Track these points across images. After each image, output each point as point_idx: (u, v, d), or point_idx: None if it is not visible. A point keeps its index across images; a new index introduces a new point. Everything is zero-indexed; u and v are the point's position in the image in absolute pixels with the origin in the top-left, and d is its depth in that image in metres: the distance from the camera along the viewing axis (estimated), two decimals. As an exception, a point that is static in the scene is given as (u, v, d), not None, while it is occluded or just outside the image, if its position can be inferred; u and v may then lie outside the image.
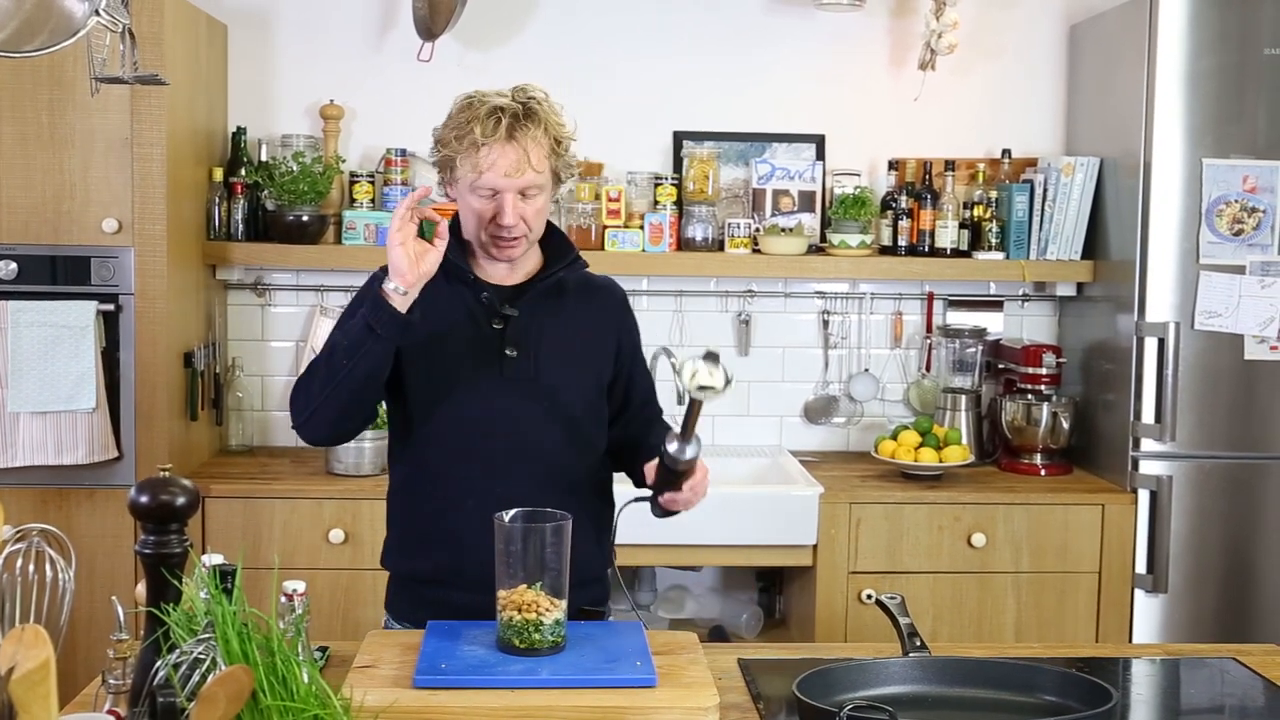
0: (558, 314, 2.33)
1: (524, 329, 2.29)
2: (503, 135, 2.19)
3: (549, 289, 2.33)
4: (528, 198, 2.24)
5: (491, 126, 2.19)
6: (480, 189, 2.23)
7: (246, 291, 4.03)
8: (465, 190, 2.27)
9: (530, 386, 2.27)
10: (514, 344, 2.28)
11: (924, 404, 4.11)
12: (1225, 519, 3.65)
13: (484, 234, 2.27)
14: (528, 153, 2.21)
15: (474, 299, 2.31)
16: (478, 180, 2.23)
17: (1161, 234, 3.61)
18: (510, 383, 2.26)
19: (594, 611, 2.33)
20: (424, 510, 2.32)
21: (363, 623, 3.41)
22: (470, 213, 2.28)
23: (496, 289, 2.32)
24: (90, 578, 3.31)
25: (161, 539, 1.68)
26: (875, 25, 4.10)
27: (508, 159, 2.20)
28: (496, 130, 2.19)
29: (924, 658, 2.05)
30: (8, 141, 3.37)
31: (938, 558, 3.60)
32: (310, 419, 2.26)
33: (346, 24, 4.03)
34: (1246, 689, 2.18)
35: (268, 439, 4.07)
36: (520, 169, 2.20)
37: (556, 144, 2.26)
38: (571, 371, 2.31)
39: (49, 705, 1.41)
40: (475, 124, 2.20)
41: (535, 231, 2.29)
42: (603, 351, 2.37)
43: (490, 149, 2.20)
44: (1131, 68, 3.65)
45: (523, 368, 2.28)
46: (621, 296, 2.46)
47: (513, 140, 2.20)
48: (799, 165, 4.05)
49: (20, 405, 3.34)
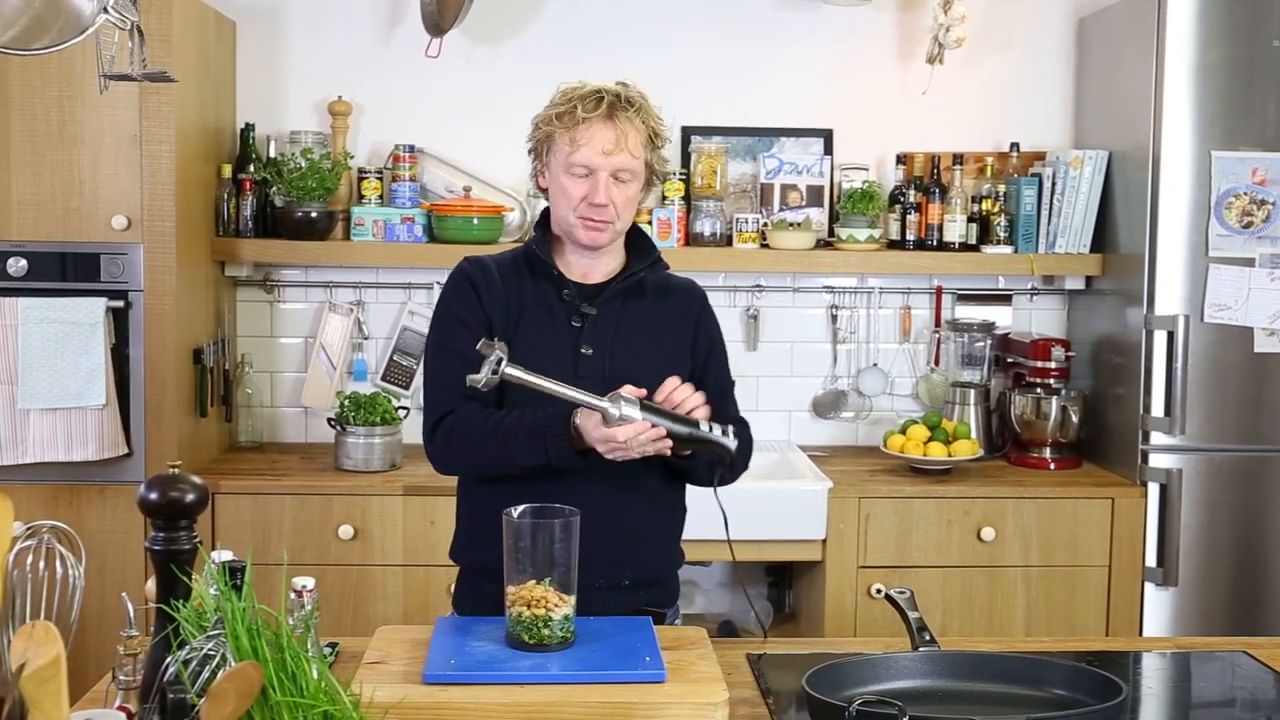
0: (636, 314, 2.32)
1: (601, 328, 2.29)
2: (603, 113, 2.24)
3: (629, 289, 2.33)
4: (620, 182, 2.26)
5: (593, 104, 2.24)
6: (576, 166, 2.25)
7: (255, 288, 4.04)
8: (560, 171, 2.28)
9: (604, 386, 2.25)
10: (590, 342, 2.28)
11: (933, 398, 4.10)
12: (1235, 512, 3.64)
13: (574, 215, 2.27)
14: (625, 135, 2.25)
15: (555, 295, 2.31)
16: (574, 155, 2.25)
17: (1171, 227, 3.60)
18: (584, 381, 2.24)
19: (656, 613, 2.32)
20: (489, 505, 2.30)
21: (372, 619, 3.41)
22: (562, 194, 2.28)
23: (578, 286, 2.32)
24: (100, 574, 3.32)
25: (171, 535, 1.68)
26: (883, 19, 4.09)
27: (606, 136, 2.24)
28: (598, 108, 2.24)
29: (933, 652, 2.05)
30: (17, 139, 3.38)
31: (947, 552, 3.59)
32: (459, 468, 2.35)
33: (354, 20, 4.03)
34: (1257, 682, 2.17)
35: (277, 435, 4.08)
36: (618, 147, 2.24)
37: (653, 136, 2.30)
38: (647, 372, 2.27)
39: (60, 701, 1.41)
40: (577, 102, 2.25)
41: (623, 220, 2.30)
42: (679, 352, 2.36)
43: (590, 125, 2.24)
44: (1140, 60, 3.64)
45: (597, 366, 2.27)
46: (701, 295, 2.46)
47: (612, 119, 2.24)
48: (807, 160, 4.04)
49: (30, 402, 3.35)
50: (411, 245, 3.85)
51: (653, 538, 2.35)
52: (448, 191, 3.98)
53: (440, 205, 3.87)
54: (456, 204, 3.86)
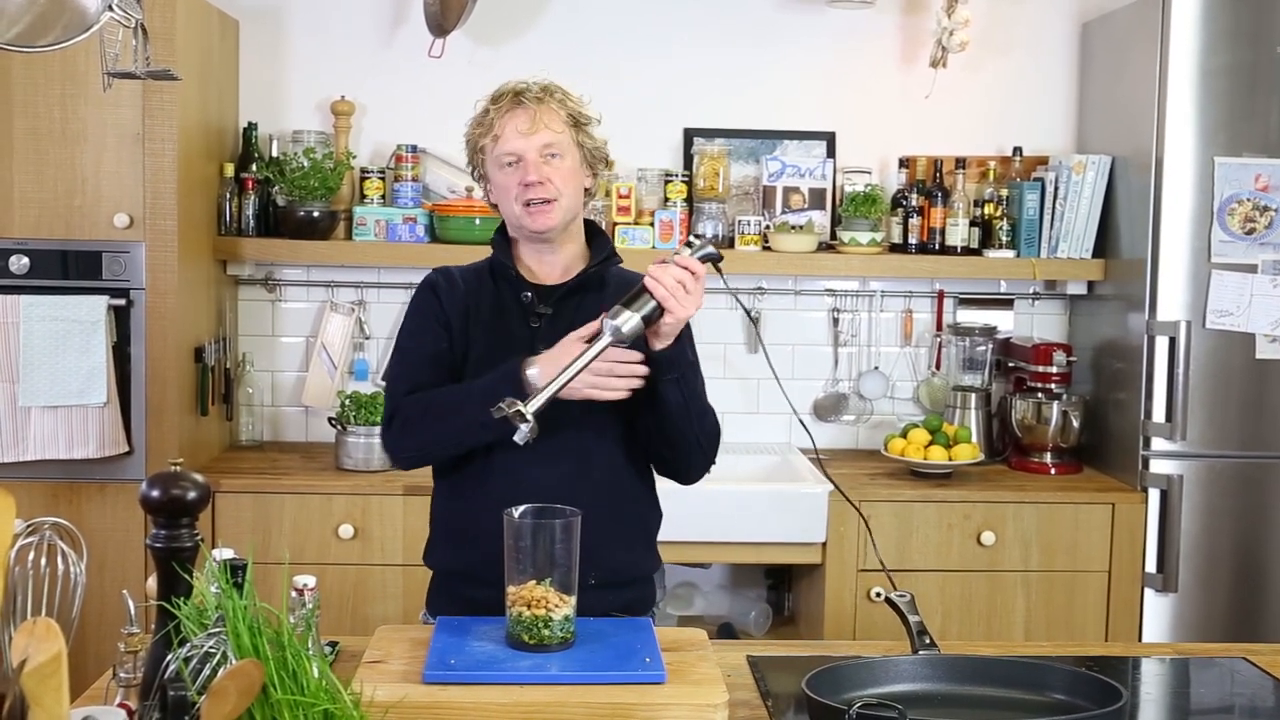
0: (592, 310, 2.30)
1: (558, 327, 2.28)
2: (511, 102, 2.29)
3: (581, 285, 2.34)
4: (550, 161, 2.27)
5: (506, 100, 2.30)
6: (502, 158, 2.28)
7: (257, 287, 4.04)
8: (495, 171, 2.31)
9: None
10: (546, 341, 2.27)
11: (934, 402, 4.10)
12: (1236, 518, 3.64)
13: (517, 206, 2.28)
14: (539, 115, 2.27)
15: (514, 297, 2.33)
16: (498, 148, 2.28)
17: (1173, 232, 3.60)
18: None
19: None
20: (458, 507, 2.33)
21: (372, 618, 3.41)
22: (503, 192, 2.31)
23: (538, 288, 2.33)
24: (100, 572, 3.32)
25: (173, 533, 1.68)
26: (886, 22, 4.09)
27: (520, 121, 2.27)
28: (509, 101, 2.29)
29: (933, 656, 2.05)
30: (20, 136, 3.38)
31: (947, 556, 3.59)
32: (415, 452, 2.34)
33: (357, 20, 4.03)
34: (1257, 689, 2.17)
35: (278, 434, 4.08)
36: (534, 127, 2.26)
37: (574, 121, 2.31)
38: None
39: (61, 698, 1.41)
40: (489, 104, 2.32)
41: (566, 196, 2.29)
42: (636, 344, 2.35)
43: (503, 118, 2.28)
44: (1143, 65, 3.64)
45: None
46: None
47: (521, 106, 2.28)
48: (809, 162, 4.04)
49: (31, 400, 3.35)
50: (413, 245, 3.85)
51: (619, 535, 2.30)
52: (450, 192, 3.98)
53: (442, 205, 3.87)
54: (458, 204, 3.86)
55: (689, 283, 2.13)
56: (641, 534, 2.39)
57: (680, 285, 2.12)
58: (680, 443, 2.28)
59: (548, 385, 2.09)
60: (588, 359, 2.10)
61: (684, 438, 2.27)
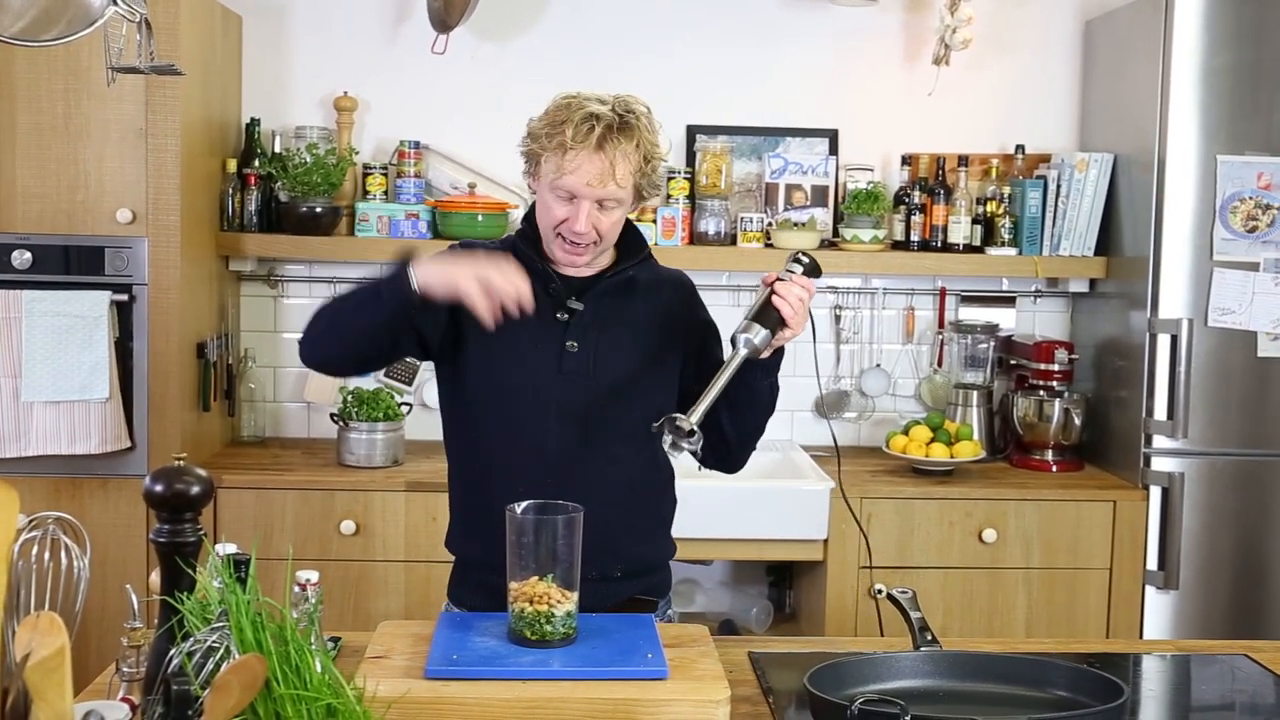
0: (624, 310, 2.30)
1: (588, 323, 2.27)
2: (592, 144, 2.16)
3: (617, 285, 2.32)
4: (605, 209, 2.21)
5: (584, 133, 2.16)
6: (559, 189, 2.20)
7: (259, 283, 4.04)
8: (545, 187, 2.23)
9: (587, 381, 2.25)
10: (576, 337, 2.26)
11: (935, 399, 4.11)
12: (1237, 516, 3.64)
13: (553, 233, 2.25)
14: (614, 165, 2.17)
15: (542, 288, 2.26)
16: (558, 180, 2.19)
17: (1175, 230, 3.60)
18: (568, 376, 2.25)
19: (646, 601, 2.33)
20: (477, 496, 2.31)
21: (374, 614, 3.42)
22: (545, 209, 2.25)
23: (566, 280, 2.30)
24: (103, 566, 3.32)
25: (176, 528, 1.69)
26: (889, 20, 4.09)
27: (592, 168, 2.17)
28: (588, 138, 2.16)
29: (935, 652, 2.05)
30: (23, 131, 3.38)
31: (949, 553, 3.59)
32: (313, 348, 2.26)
33: (361, 16, 4.03)
34: (1258, 685, 2.17)
35: (280, 430, 4.09)
36: (603, 180, 2.17)
37: (646, 161, 2.23)
38: (633, 368, 2.29)
39: (64, 692, 1.41)
40: (568, 126, 2.17)
41: (606, 241, 2.26)
42: (669, 346, 2.35)
43: (577, 154, 2.16)
44: (1146, 64, 3.64)
45: (581, 361, 2.26)
46: (689, 286, 2.45)
47: (601, 150, 2.16)
48: (812, 160, 4.04)
49: (34, 395, 3.35)
50: (416, 242, 3.85)
51: (643, 526, 2.36)
52: (452, 188, 3.98)
53: (445, 202, 3.87)
54: (461, 200, 3.86)
55: (807, 300, 2.24)
56: (663, 521, 2.43)
57: (801, 302, 2.22)
58: (753, 436, 2.40)
59: (704, 396, 2.13)
60: (729, 373, 2.15)
61: (758, 431, 2.39)
